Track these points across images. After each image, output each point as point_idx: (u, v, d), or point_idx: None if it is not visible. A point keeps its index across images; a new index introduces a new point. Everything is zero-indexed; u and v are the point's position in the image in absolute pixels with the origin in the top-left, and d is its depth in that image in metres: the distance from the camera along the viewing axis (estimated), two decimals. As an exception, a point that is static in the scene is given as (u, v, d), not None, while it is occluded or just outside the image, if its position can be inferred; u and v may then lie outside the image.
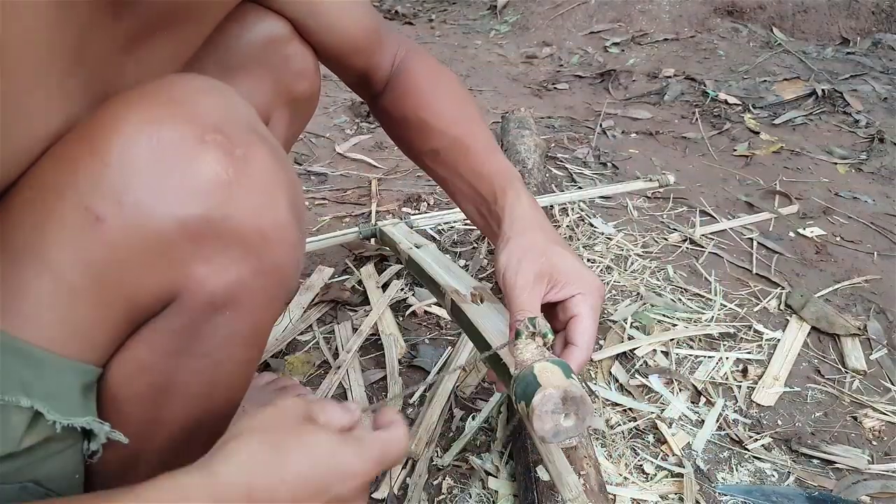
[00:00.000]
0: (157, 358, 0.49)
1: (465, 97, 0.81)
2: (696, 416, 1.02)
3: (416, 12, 3.86)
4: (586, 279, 0.69)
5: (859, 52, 2.75)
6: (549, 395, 0.57)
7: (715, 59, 2.74)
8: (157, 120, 0.44)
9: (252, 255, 0.48)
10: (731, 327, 1.20)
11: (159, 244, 0.44)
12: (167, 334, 0.49)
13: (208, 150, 0.44)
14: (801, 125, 2.17)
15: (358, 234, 1.34)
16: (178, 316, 0.48)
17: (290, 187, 0.50)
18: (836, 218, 1.60)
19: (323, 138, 2.03)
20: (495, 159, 0.76)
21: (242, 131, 0.47)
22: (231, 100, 0.50)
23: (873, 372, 1.12)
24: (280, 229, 0.49)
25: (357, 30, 0.75)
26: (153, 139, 0.43)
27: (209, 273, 0.46)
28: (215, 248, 0.46)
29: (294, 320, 1.18)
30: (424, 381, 1.04)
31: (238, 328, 0.51)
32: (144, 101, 0.45)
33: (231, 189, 0.45)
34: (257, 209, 0.47)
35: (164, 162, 0.43)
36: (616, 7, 3.24)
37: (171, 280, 0.46)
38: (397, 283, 1.27)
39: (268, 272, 0.49)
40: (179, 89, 0.47)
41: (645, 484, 0.90)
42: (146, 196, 0.43)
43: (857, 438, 0.99)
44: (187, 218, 0.44)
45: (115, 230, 0.43)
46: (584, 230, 1.50)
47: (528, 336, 0.63)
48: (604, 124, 2.17)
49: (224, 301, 0.48)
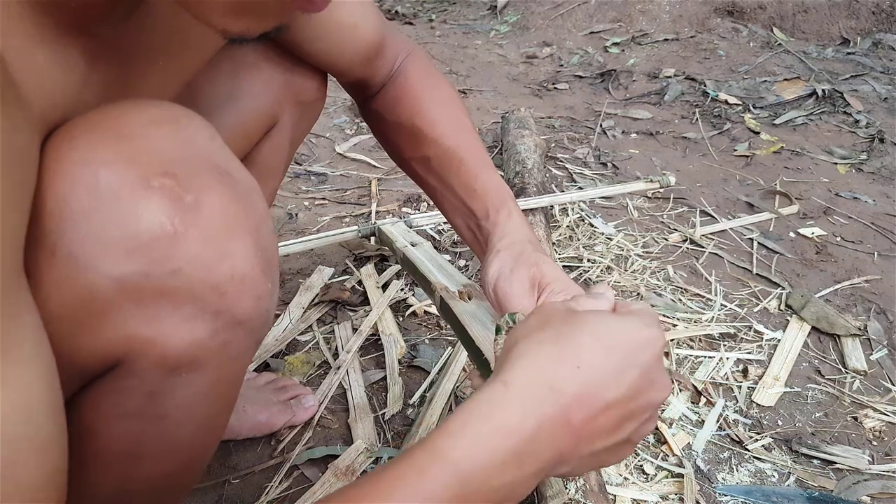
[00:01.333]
0: (104, 421, 0.45)
1: (460, 107, 0.80)
2: (696, 416, 1.02)
3: (416, 12, 3.86)
4: (572, 287, 0.68)
5: (860, 52, 2.75)
6: None
7: (715, 60, 2.74)
8: (97, 160, 0.39)
9: (208, 312, 0.43)
10: (732, 327, 1.20)
11: (94, 302, 0.39)
12: (115, 396, 0.44)
13: (152, 198, 0.39)
14: (802, 125, 2.17)
15: (357, 232, 1.34)
16: (127, 378, 0.44)
17: (255, 231, 0.45)
18: (837, 218, 1.60)
19: (323, 138, 2.03)
20: (488, 175, 0.75)
21: (197, 171, 0.42)
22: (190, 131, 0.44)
23: (874, 372, 1.12)
24: (239, 282, 0.44)
25: (363, 47, 0.73)
26: (91, 183, 0.38)
27: (158, 334, 0.42)
28: (162, 308, 0.41)
29: (294, 320, 1.18)
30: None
31: (199, 388, 0.46)
32: (88, 137, 0.40)
33: (178, 242, 0.40)
34: (210, 262, 0.42)
35: (100, 210, 0.38)
36: (616, 7, 3.24)
37: (112, 342, 0.41)
38: (397, 283, 1.27)
39: (229, 329, 0.45)
40: (128, 122, 0.42)
41: (645, 484, 0.90)
42: (79, 248, 0.38)
43: (858, 439, 0.99)
44: (125, 275, 0.39)
45: (47, 283, 0.39)
46: (584, 230, 1.50)
47: (507, 332, 0.63)
48: (604, 124, 2.17)
49: (178, 363, 0.44)
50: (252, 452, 0.93)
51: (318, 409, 0.99)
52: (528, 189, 1.49)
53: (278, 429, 0.95)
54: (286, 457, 0.91)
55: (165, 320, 0.42)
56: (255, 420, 0.93)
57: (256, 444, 0.94)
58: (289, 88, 0.72)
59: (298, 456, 0.91)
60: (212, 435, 0.53)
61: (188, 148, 0.43)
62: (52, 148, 0.40)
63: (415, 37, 3.29)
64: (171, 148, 0.42)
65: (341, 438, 0.96)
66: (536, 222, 1.34)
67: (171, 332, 0.42)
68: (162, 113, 0.44)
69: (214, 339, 0.44)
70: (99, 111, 0.42)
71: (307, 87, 0.74)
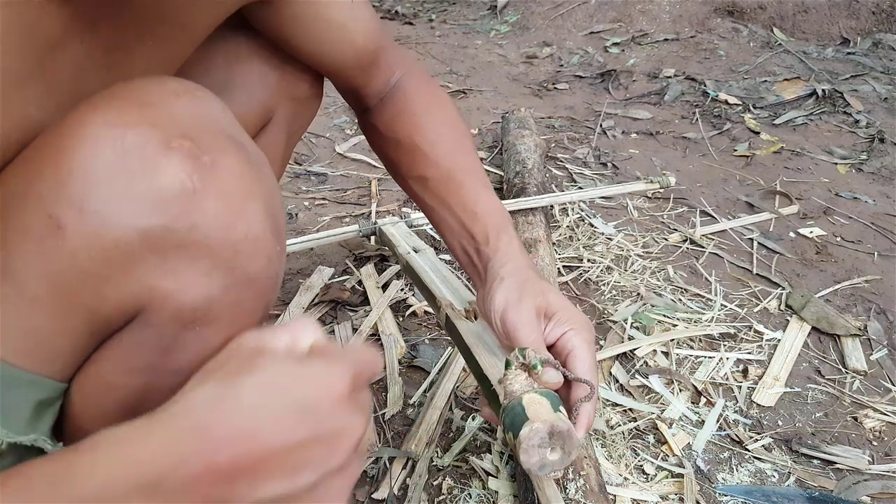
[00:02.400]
0: (122, 374, 0.47)
1: (461, 126, 0.79)
2: (696, 416, 1.02)
3: (417, 12, 3.86)
4: (577, 316, 0.67)
5: (860, 52, 2.75)
6: (535, 430, 0.57)
7: (715, 60, 2.74)
8: (122, 123, 0.42)
9: (221, 268, 0.45)
10: (732, 328, 1.20)
11: (120, 255, 0.42)
12: (133, 349, 0.46)
13: (173, 157, 0.42)
14: (802, 125, 2.17)
15: (358, 231, 1.34)
16: (144, 331, 0.46)
17: (267, 195, 0.47)
18: (837, 218, 1.60)
19: (323, 138, 2.03)
20: (487, 198, 0.75)
21: (214, 136, 0.45)
22: (206, 103, 0.47)
23: (874, 372, 1.12)
24: (253, 241, 0.46)
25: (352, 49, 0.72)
26: (117, 144, 0.41)
27: (175, 287, 0.44)
28: (181, 261, 0.43)
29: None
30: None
31: (210, 344, 0.48)
32: (111, 104, 0.43)
33: (197, 198, 0.43)
34: (226, 220, 0.44)
35: (126, 168, 0.41)
36: (616, 7, 3.24)
37: (135, 293, 0.43)
38: (397, 284, 1.27)
39: (240, 286, 0.47)
40: (150, 91, 0.45)
41: (645, 484, 0.90)
42: (107, 204, 0.41)
43: (858, 439, 0.99)
44: (149, 228, 0.42)
45: (76, 238, 0.41)
46: (584, 230, 1.50)
47: (517, 367, 0.63)
48: (604, 124, 2.17)
49: (192, 316, 0.46)
50: (252, 452, 0.93)
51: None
52: (528, 189, 1.49)
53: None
54: (286, 457, 0.91)
55: (184, 273, 0.44)
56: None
57: (256, 444, 0.94)
58: (283, 84, 0.72)
59: (298, 456, 0.91)
60: None
61: (205, 117, 0.46)
62: (74, 117, 0.42)
63: (415, 37, 3.29)
64: (190, 115, 0.45)
65: (341, 438, 0.96)
66: (536, 222, 1.34)
67: (188, 285, 0.44)
68: (180, 86, 0.47)
69: (227, 294, 0.46)
70: (120, 85, 0.45)
71: (302, 83, 0.74)
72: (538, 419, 0.57)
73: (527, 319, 0.65)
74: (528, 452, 0.58)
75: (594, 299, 1.27)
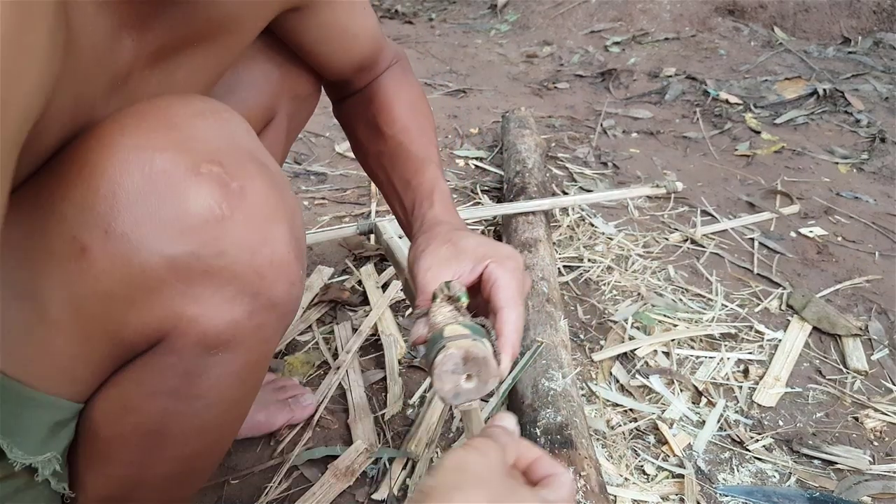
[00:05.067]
0: (143, 398, 0.47)
1: (425, 111, 0.81)
2: (696, 416, 1.01)
3: (416, 11, 3.86)
4: (498, 251, 0.65)
5: (861, 51, 2.75)
6: (449, 355, 0.55)
7: (716, 59, 2.74)
8: (151, 147, 0.41)
9: (247, 294, 0.45)
10: (733, 328, 1.20)
11: (145, 280, 0.41)
12: (155, 373, 0.46)
13: (202, 183, 0.42)
14: (803, 125, 2.17)
15: (356, 228, 1.33)
16: (167, 356, 0.45)
17: (290, 219, 0.47)
18: (838, 218, 1.60)
19: (322, 138, 2.03)
20: (424, 171, 0.75)
21: (241, 161, 0.45)
22: (231, 125, 0.47)
23: (875, 372, 1.11)
24: (277, 267, 0.46)
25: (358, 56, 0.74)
26: (145, 168, 0.41)
27: (200, 313, 0.44)
28: (207, 287, 0.43)
29: (293, 320, 1.18)
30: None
31: (232, 369, 0.48)
32: (140, 125, 0.42)
33: (225, 225, 0.42)
34: (253, 246, 0.44)
35: (155, 193, 0.41)
36: (617, 6, 3.24)
37: (159, 318, 0.43)
38: (397, 284, 1.27)
39: (264, 311, 0.46)
40: (177, 112, 0.44)
41: (646, 485, 0.90)
42: (134, 228, 0.40)
43: (859, 439, 0.99)
44: (176, 255, 0.41)
45: (100, 261, 0.40)
46: (584, 230, 1.50)
47: (442, 299, 0.62)
48: (604, 124, 2.17)
49: (217, 342, 0.46)
50: (251, 453, 0.93)
51: (317, 410, 0.99)
52: (529, 189, 1.48)
53: (277, 428, 0.95)
54: (285, 457, 0.91)
55: (209, 300, 0.44)
56: (253, 419, 0.93)
57: (256, 445, 0.94)
58: (286, 82, 0.73)
59: (298, 456, 0.91)
60: (235, 419, 0.55)
61: (231, 139, 0.46)
62: (103, 134, 0.42)
63: (415, 36, 3.29)
64: (217, 138, 0.44)
65: (341, 439, 0.95)
66: (537, 222, 1.34)
67: (212, 312, 0.44)
68: (206, 106, 0.46)
69: (251, 320, 0.46)
70: (146, 103, 0.44)
71: (303, 81, 0.74)
72: (453, 345, 0.56)
73: (426, 265, 0.64)
74: (442, 379, 0.56)
75: (594, 299, 1.27)
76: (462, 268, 0.62)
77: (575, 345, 1.15)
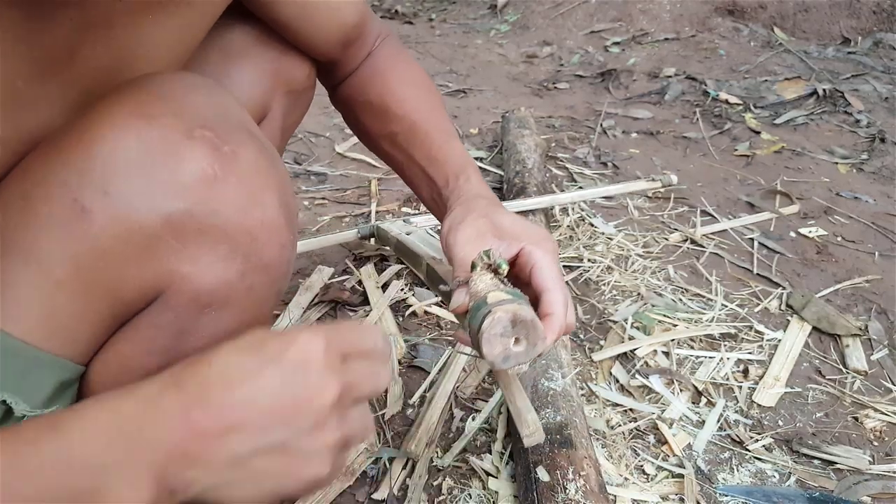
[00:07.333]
0: (140, 357, 0.49)
1: (430, 87, 0.81)
2: (696, 416, 1.02)
3: (416, 11, 3.86)
4: (532, 232, 0.65)
5: (860, 51, 2.75)
6: (497, 319, 0.56)
7: (716, 59, 2.74)
8: (146, 114, 0.44)
9: (239, 253, 0.47)
10: (732, 328, 1.20)
11: (143, 238, 0.44)
12: (151, 331, 0.48)
13: (195, 146, 0.44)
14: (802, 125, 2.17)
15: (357, 233, 1.33)
16: (162, 313, 0.47)
17: (281, 186, 0.49)
18: (837, 218, 1.60)
19: (323, 138, 2.03)
20: (451, 146, 0.76)
21: (232, 128, 0.47)
22: (222, 98, 0.49)
23: (874, 372, 1.11)
24: (269, 228, 0.48)
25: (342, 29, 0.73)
26: (141, 133, 0.43)
27: (194, 270, 0.46)
28: (200, 245, 0.45)
29: (294, 320, 1.18)
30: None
31: (225, 327, 0.50)
32: (135, 96, 0.45)
33: (217, 185, 0.45)
34: (244, 207, 0.46)
35: (150, 156, 0.43)
36: (617, 6, 3.24)
37: (155, 275, 0.45)
38: (397, 284, 1.27)
39: (255, 271, 0.49)
40: (170, 85, 0.47)
41: (645, 485, 0.90)
42: (131, 189, 0.43)
43: (859, 439, 0.99)
44: (171, 213, 0.44)
45: (100, 221, 0.43)
46: (584, 230, 1.50)
47: (482, 268, 0.62)
48: (604, 124, 2.17)
49: (209, 300, 0.47)
50: (251, 453, 0.93)
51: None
52: (528, 189, 1.48)
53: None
54: (286, 457, 0.91)
55: (203, 258, 0.46)
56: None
57: (256, 445, 0.94)
58: (279, 77, 0.72)
59: (298, 456, 0.91)
60: None
61: (222, 109, 0.48)
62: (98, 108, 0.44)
63: (415, 36, 3.29)
64: (208, 108, 0.47)
65: (341, 439, 0.95)
66: (536, 221, 1.34)
67: (206, 270, 0.46)
68: (198, 81, 0.49)
69: (243, 280, 0.48)
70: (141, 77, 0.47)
71: (297, 75, 0.74)
72: (500, 309, 0.56)
73: (465, 237, 0.64)
74: (491, 342, 0.56)
75: (594, 299, 1.27)
76: (498, 243, 0.64)
77: (575, 345, 1.15)
